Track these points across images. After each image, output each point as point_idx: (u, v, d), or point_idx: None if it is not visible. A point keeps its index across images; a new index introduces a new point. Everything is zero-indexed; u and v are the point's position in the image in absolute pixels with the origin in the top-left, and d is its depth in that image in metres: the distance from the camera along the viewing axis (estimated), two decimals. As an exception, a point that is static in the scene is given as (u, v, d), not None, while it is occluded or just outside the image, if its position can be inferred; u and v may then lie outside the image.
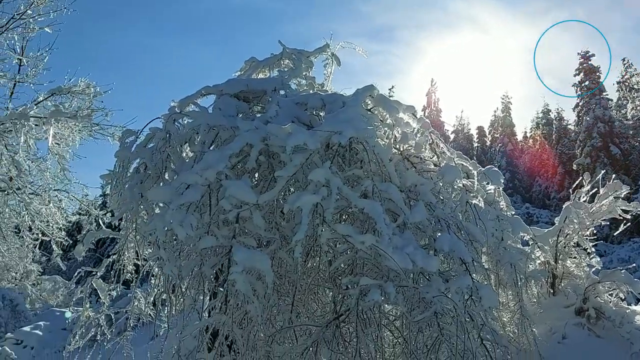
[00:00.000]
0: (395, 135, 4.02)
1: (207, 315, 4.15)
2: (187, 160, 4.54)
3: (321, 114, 4.56)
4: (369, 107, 4.13)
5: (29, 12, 11.00)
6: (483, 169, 4.88)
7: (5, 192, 10.75)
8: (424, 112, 48.19)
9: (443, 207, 3.93)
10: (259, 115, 4.74)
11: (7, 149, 9.46)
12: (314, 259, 3.83)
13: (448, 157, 4.30)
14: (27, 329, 20.91)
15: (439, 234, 3.68)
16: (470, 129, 52.42)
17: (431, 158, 4.34)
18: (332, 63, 6.06)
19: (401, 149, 4.05)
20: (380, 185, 3.47)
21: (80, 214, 13.09)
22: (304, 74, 5.73)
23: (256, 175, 4.39)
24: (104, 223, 11.21)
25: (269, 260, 3.25)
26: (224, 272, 3.76)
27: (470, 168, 4.33)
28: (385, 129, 4.01)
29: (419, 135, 4.18)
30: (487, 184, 4.98)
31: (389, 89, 45.42)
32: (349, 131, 3.47)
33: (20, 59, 11.29)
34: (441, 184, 4.06)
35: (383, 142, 3.90)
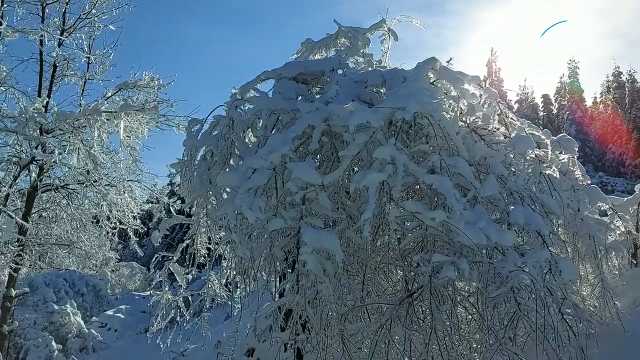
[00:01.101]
0: (461, 108, 3.89)
1: (277, 296, 4.24)
2: (250, 146, 4.62)
3: (381, 90, 4.49)
4: (431, 81, 4.02)
5: (93, 11, 11.49)
6: (555, 137, 4.67)
7: (84, 185, 11.40)
8: (485, 83, 46.44)
9: (515, 179, 3.78)
10: (318, 96, 4.74)
11: (83, 143, 9.98)
12: (383, 238, 3.80)
13: (518, 127, 4.13)
14: (110, 312, 22.30)
15: (512, 207, 3.55)
16: (534, 98, 50.19)
17: (498, 129, 4.17)
18: (389, 38, 5.95)
19: (468, 122, 3.92)
20: (448, 160, 3.38)
21: (150, 202, 13.66)
22: (361, 51, 5.66)
23: (318, 156, 4.41)
24: (174, 210, 11.67)
25: (338, 240, 3.26)
26: (292, 254, 3.82)
27: (543, 137, 4.14)
28: (450, 101, 3.89)
29: (486, 106, 4.03)
30: (560, 153, 4.76)
31: (447, 62, 44.15)
32: (412, 106, 3.39)
33: (88, 57, 11.85)
34: (512, 156, 3.90)
35: (448, 116, 3.78)
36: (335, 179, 3.57)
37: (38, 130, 9.92)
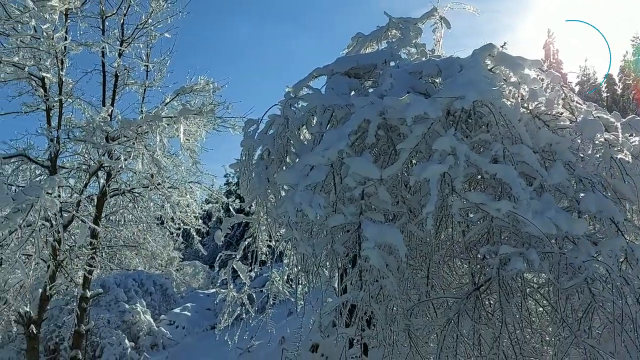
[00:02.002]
0: (522, 94, 3.75)
1: (340, 292, 4.25)
2: (305, 143, 4.64)
3: (437, 80, 4.40)
4: (489, 67, 3.90)
5: (149, 20, 11.95)
6: (624, 119, 4.42)
7: (149, 188, 11.91)
8: (544, 66, 44.64)
9: (584, 165, 3.61)
10: (371, 89, 4.70)
11: (146, 149, 10.40)
12: (446, 230, 3.73)
13: (584, 110, 3.93)
14: (177, 310, 23.14)
15: (582, 194, 3.39)
16: (597, 78, 47.73)
17: (562, 114, 4.00)
18: (441, 27, 5.83)
19: (530, 108, 3.78)
20: (512, 148, 3.26)
21: (210, 202, 14.07)
22: (413, 42, 5.56)
23: (375, 150, 4.37)
24: (233, 209, 11.98)
25: (400, 234, 3.23)
26: (352, 249, 3.82)
27: (612, 120, 3.92)
28: (510, 87, 3.76)
29: (549, 90, 3.87)
30: (630, 135, 4.50)
31: (501, 46, 42.75)
32: (471, 95, 3.29)
33: (146, 66, 12.36)
34: (580, 141, 3.72)
35: (509, 102, 3.66)
36: (394, 172, 3.53)
37: (104, 138, 10.42)
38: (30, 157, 10.50)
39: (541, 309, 3.77)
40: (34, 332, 10.81)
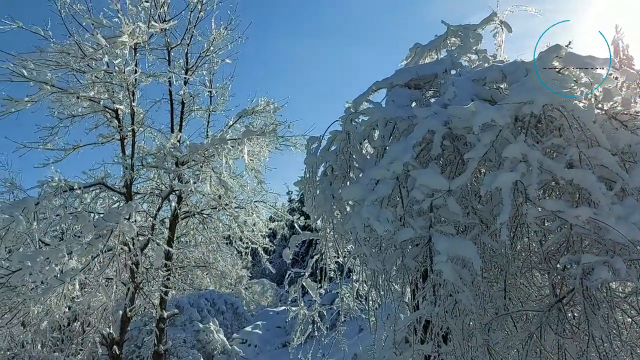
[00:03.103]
0: (596, 94, 3.58)
1: (413, 307, 4.17)
2: (368, 157, 4.64)
3: (502, 86, 4.28)
4: (558, 69, 3.75)
5: (211, 48, 12.44)
6: None
7: (217, 209, 12.27)
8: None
9: (669, 165, 3.37)
10: (433, 100, 4.64)
11: (214, 171, 10.75)
12: (522, 240, 3.59)
13: (666, 107, 3.69)
14: (248, 328, 23.51)
15: (670, 197, 3.17)
16: (674, 71, 44.62)
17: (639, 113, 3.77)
18: (502, 31, 5.71)
19: (605, 108, 3.59)
20: (588, 152, 3.11)
21: (274, 220, 14.29)
22: (473, 48, 5.46)
23: (440, 161, 4.29)
24: (298, 226, 12.10)
25: (474, 246, 3.13)
26: (423, 263, 3.74)
27: (698, 115, 3.66)
28: (582, 88, 3.60)
29: (624, 89, 3.67)
30: None
31: (566, 45, 40.97)
32: (541, 98, 3.18)
33: (210, 91, 12.84)
34: (662, 140, 3.49)
35: (582, 104, 3.50)
36: (463, 183, 3.45)
37: (174, 163, 10.86)
38: (107, 185, 11.08)
39: (629, 319, 3.54)
40: (117, 352, 11.31)
